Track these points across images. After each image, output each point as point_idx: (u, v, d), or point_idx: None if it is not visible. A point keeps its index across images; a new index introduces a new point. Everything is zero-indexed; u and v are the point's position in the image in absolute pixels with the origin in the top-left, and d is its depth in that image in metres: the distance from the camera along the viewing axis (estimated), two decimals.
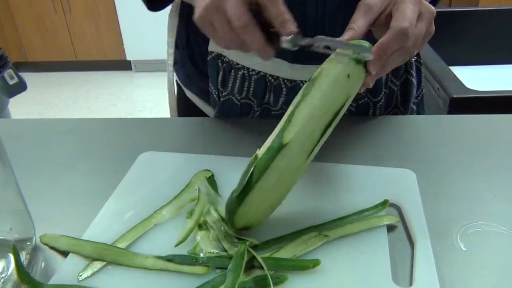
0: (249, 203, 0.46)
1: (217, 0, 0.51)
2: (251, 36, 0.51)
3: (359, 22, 0.54)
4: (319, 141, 0.48)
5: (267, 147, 0.47)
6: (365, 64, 0.51)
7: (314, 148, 0.48)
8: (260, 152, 0.47)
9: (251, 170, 0.46)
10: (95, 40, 3.67)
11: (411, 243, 0.48)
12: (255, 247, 0.47)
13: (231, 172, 0.59)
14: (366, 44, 0.52)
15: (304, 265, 0.45)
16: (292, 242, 0.48)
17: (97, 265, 0.46)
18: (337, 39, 0.53)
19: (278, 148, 0.46)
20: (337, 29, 0.64)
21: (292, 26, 0.51)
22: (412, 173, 0.58)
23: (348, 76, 0.50)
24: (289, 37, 0.51)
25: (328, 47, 0.52)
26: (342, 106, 0.50)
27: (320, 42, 0.52)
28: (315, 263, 0.44)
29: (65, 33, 3.67)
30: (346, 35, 0.53)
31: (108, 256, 0.47)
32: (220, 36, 0.53)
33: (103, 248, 0.47)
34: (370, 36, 0.57)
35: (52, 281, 0.44)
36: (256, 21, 0.50)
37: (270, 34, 0.52)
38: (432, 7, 0.55)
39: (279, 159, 0.46)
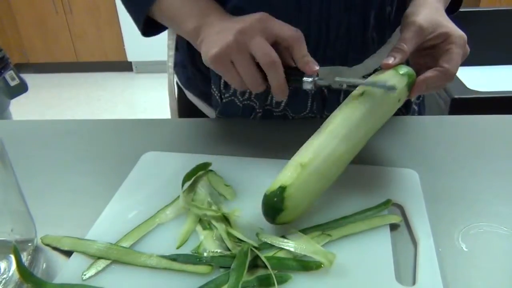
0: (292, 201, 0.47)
1: (240, 39, 0.52)
2: (276, 73, 0.52)
3: (409, 44, 0.56)
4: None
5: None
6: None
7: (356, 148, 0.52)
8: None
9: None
10: (96, 41, 3.68)
11: (414, 243, 0.48)
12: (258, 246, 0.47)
13: (233, 172, 0.59)
14: (401, 74, 0.54)
15: (307, 266, 0.45)
16: (295, 241, 0.48)
17: (101, 264, 0.46)
18: (358, 80, 0.55)
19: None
20: (342, 31, 0.64)
21: (315, 66, 0.53)
22: (415, 173, 0.58)
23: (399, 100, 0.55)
24: (311, 78, 0.53)
25: (348, 85, 0.55)
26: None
27: (340, 82, 0.55)
28: (318, 265, 0.44)
29: (66, 34, 3.67)
30: (397, 58, 0.55)
31: (112, 255, 0.47)
32: (238, 75, 0.54)
33: (107, 247, 0.47)
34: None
35: (56, 280, 0.44)
36: None
37: (287, 74, 0.54)
38: (463, 34, 0.58)
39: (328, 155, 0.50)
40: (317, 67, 0.53)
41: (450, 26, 0.57)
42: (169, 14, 0.62)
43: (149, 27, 0.66)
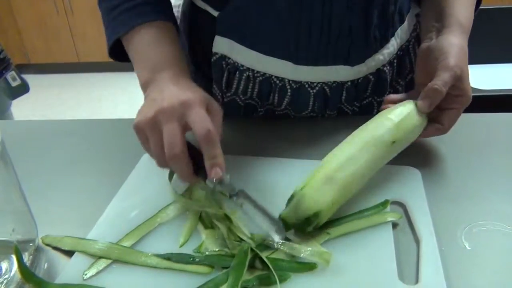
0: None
1: (157, 119, 0.51)
2: (180, 166, 0.51)
3: (446, 87, 0.57)
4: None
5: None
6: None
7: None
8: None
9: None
10: (97, 41, 3.68)
11: (417, 241, 0.48)
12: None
13: (235, 171, 0.59)
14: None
15: (301, 268, 0.45)
16: (291, 242, 0.47)
17: (102, 263, 0.46)
18: (253, 205, 0.51)
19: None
20: (344, 30, 0.64)
21: (219, 172, 0.50)
22: (417, 171, 0.58)
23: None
24: (214, 180, 0.50)
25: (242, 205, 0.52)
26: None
27: (239, 199, 0.51)
28: (312, 266, 0.44)
29: (67, 34, 3.67)
30: (433, 104, 0.57)
31: (113, 254, 0.47)
32: (151, 152, 0.53)
33: (108, 246, 0.47)
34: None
35: (58, 280, 0.44)
36: (188, 147, 0.50)
37: (199, 164, 0.51)
38: (471, 96, 0.60)
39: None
40: (220, 174, 0.50)
41: (467, 84, 0.59)
42: (132, 54, 0.62)
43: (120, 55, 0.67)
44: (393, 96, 0.63)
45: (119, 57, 0.68)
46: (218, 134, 0.51)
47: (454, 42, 0.60)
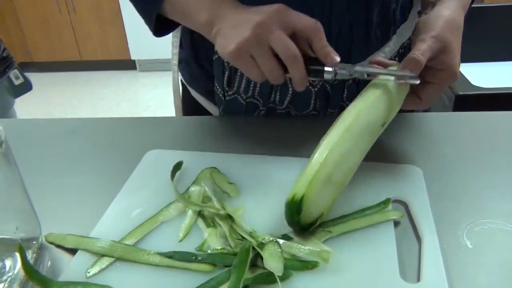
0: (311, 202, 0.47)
1: (259, 33, 0.51)
2: (297, 67, 0.52)
3: (425, 55, 0.55)
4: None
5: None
6: None
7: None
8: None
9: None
10: (99, 40, 3.68)
11: (419, 240, 0.48)
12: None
13: (236, 170, 0.59)
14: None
15: (302, 266, 0.45)
16: (289, 242, 0.48)
17: (105, 261, 0.46)
18: (379, 70, 0.56)
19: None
20: (344, 28, 0.64)
21: (336, 57, 0.53)
22: (419, 170, 0.58)
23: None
24: (331, 68, 0.53)
25: (369, 75, 0.55)
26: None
27: (360, 72, 0.55)
28: (314, 265, 0.44)
29: (70, 33, 3.68)
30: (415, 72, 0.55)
31: (116, 252, 0.47)
32: (258, 69, 0.54)
33: (110, 245, 0.48)
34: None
35: (61, 278, 0.45)
36: None
37: (306, 65, 0.54)
38: (457, 73, 0.58)
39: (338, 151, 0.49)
40: (338, 58, 0.53)
41: (452, 58, 0.57)
42: (180, 8, 0.60)
43: (160, 26, 0.65)
44: (380, 59, 0.62)
45: (163, 31, 0.66)
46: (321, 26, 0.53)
47: (442, 14, 0.58)
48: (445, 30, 0.56)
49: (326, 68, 0.54)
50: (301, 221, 0.47)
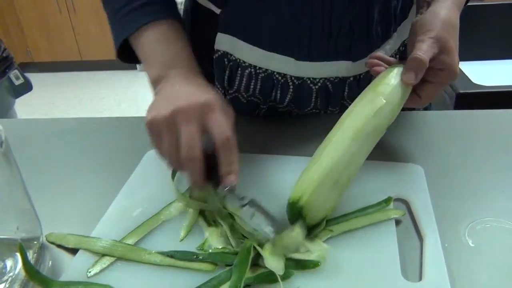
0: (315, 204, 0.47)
1: (175, 118, 0.48)
2: (194, 170, 0.49)
3: (427, 55, 0.55)
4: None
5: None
6: None
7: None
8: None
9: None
10: (100, 40, 3.68)
11: (420, 238, 0.48)
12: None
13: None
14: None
15: (304, 265, 0.44)
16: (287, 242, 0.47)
17: (106, 261, 0.46)
18: (264, 216, 0.49)
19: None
20: (345, 26, 0.64)
21: (234, 180, 0.49)
22: (420, 168, 0.58)
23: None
24: (227, 188, 0.48)
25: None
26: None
27: (250, 207, 0.49)
28: (315, 264, 0.44)
29: (70, 33, 3.68)
30: (419, 75, 0.55)
31: (117, 252, 0.47)
32: (163, 151, 0.51)
33: (111, 244, 0.48)
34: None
35: (62, 278, 0.45)
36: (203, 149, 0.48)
37: (211, 168, 0.49)
38: (457, 72, 0.57)
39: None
40: (234, 183, 0.49)
41: (451, 58, 0.56)
42: (141, 53, 0.61)
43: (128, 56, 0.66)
44: (380, 55, 0.61)
45: (127, 59, 0.67)
46: (235, 141, 0.49)
47: (438, 13, 0.58)
48: (442, 30, 0.56)
49: (220, 187, 0.49)
50: (307, 220, 0.47)
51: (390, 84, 0.55)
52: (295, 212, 0.47)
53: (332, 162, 0.48)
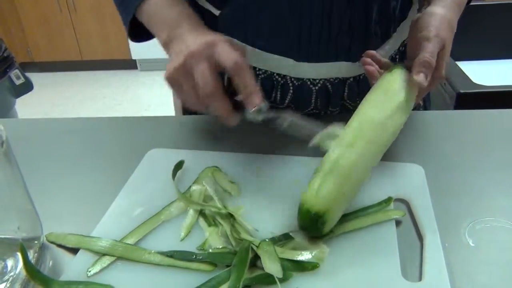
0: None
1: (187, 64, 0.52)
2: (216, 103, 0.52)
3: (434, 56, 0.55)
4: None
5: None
6: None
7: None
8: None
9: None
10: (100, 39, 3.68)
11: (420, 238, 0.48)
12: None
13: (238, 169, 0.59)
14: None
15: (302, 267, 0.44)
16: (284, 246, 0.47)
17: (106, 261, 0.46)
18: (303, 122, 0.52)
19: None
20: (344, 26, 0.64)
21: (257, 99, 0.51)
22: (420, 168, 0.58)
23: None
24: (254, 109, 0.51)
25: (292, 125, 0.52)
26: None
27: (285, 118, 0.52)
28: (314, 265, 0.44)
29: (71, 33, 3.68)
30: (429, 75, 0.55)
31: (117, 252, 0.47)
32: (186, 99, 0.54)
33: (112, 244, 0.48)
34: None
35: (63, 277, 0.45)
36: (225, 86, 0.51)
37: (238, 101, 0.52)
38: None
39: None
40: (258, 101, 0.51)
41: (442, 59, 0.57)
42: (148, 20, 0.62)
43: (139, 33, 0.67)
44: (374, 53, 0.62)
45: (137, 37, 0.69)
46: (247, 64, 0.52)
47: (437, 12, 0.59)
48: (442, 29, 0.56)
49: (248, 110, 0.51)
50: (323, 231, 0.47)
51: (401, 87, 0.55)
52: (313, 222, 0.46)
53: (351, 173, 0.47)
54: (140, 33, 0.67)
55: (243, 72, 0.51)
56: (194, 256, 0.46)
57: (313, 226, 0.46)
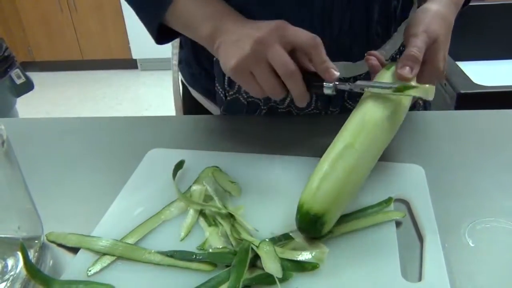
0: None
1: (257, 49, 0.51)
2: (296, 83, 0.53)
3: (421, 51, 0.55)
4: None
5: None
6: None
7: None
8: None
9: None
10: (101, 39, 3.69)
11: (420, 239, 0.48)
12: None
13: (238, 169, 0.59)
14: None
15: (303, 267, 0.44)
16: (284, 246, 0.47)
17: (106, 260, 0.46)
18: (381, 83, 0.54)
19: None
20: (345, 26, 0.64)
21: (335, 73, 0.53)
22: (421, 168, 0.58)
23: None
24: (331, 84, 0.53)
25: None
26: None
27: (361, 86, 0.54)
28: (314, 266, 0.44)
29: (71, 32, 3.68)
30: (415, 69, 0.55)
31: (117, 251, 0.47)
32: (258, 85, 0.54)
33: (112, 243, 0.48)
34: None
35: (63, 277, 0.45)
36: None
37: (306, 80, 0.54)
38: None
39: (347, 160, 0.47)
40: (337, 73, 0.53)
41: (440, 54, 0.57)
42: (183, 19, 0.60)
43: (163, 34, 0.65)
44: (376, 53, 0.62)
45: (163, 40, 0.67)
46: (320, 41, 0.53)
47: (429, 8, 0.59)
48: (433, 24, 0.56)
49: (326, 84, 0.54)
50: (322, 232, 0.47)
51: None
52: (312, 224, 0.46)
53: (351, 177, 0.47)
54: (164, 34, 0.64)
55: (320, 48, 0.53)
56: (194, 256, 0.46)
57: (312, 227, 0.46)
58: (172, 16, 0.61)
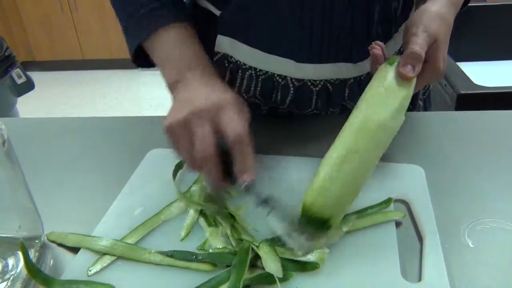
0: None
1: (189, 120, 0.50)
2: (209, 169, 0.50)
3: (423, 49, 0.54)
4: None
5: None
6: None
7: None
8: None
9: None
10: (101, 38, 3.68)
11: (420, 239, 0.48)
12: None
13: None
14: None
15: (303, 267, 0.45)
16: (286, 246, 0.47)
17: (107, 260, 0.46)
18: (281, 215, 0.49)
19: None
20: (345, 27, 0.64)
21: (248, 178, 0.49)
22: (420, 169, 0.58)
23: None
24: (243, 186, 0.49)
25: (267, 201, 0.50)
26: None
27: (265, 207, 0.49)
28: (314, 266, 0.44)
29: (72, 32, 3.68)
30: (417, 68, 0.53)
31: (117, 251, 0.47)
32: (181, 154, 0.52)
33: (112, 243, 0.48)
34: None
35: (64, 276, 0.45)
36: (220, 149, 0.49)
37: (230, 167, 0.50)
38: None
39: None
40: (251, 178, 0.49)
41: (439, 54, 0.56)
42: (156, 57, 0.62)
43: (142, 58, 0.66)
44: (381, 44, 0.60)
45: (142, 62, 0.68)
46: (249, 138, 0.50)
47: (428, 9, 0.58)
48: (433, 24, 0.56)
49: (237, 184, 0.49)
50: (326, 234, 0.47)
51: (400, 83, 0.53)
52: (319, 227, 0.46)
53: (357, 180, 0.47)
54: (145, 58, 0.65)
55: (244, 147, 0.49)
56: (194, 256, 0.46)
57: (318, 230, 0.46)
58: (148, 48, 0.63)
